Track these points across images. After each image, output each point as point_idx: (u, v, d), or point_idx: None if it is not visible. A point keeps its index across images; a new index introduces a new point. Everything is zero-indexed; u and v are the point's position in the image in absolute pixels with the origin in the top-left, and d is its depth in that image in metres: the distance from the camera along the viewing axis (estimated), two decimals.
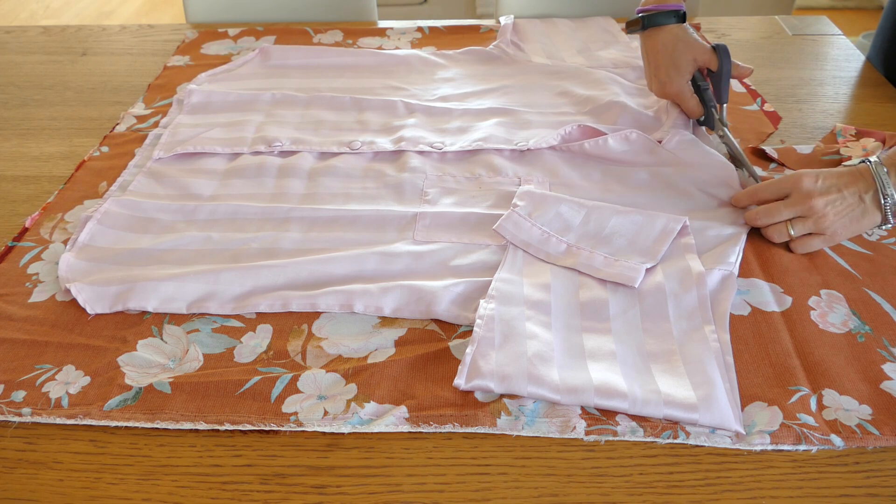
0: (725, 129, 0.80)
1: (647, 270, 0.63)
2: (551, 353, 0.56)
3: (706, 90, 0.82)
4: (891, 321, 0.60)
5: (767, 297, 0.62)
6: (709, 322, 0.58)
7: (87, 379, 0.57)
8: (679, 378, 0.54)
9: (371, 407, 0.54)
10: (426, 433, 0.52)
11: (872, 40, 1.04)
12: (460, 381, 0.54)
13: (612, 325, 0.59)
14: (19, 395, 0.56)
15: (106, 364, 0.58)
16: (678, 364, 0.55)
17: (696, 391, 0.52)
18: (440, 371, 0.56)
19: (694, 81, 0.83)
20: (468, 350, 0.56)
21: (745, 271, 0.65)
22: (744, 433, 0.51)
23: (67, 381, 0.57)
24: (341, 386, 0.56)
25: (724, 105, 0.82)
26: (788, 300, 0.62)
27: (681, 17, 0.85)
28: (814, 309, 0.61)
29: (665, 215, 0.68)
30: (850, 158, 0.78)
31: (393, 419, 0.53)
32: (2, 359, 0.59)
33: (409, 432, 0.52)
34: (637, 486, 0.49)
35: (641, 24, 0.86)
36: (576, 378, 0.54)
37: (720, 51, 0.81)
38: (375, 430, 0.52)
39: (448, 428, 0.52)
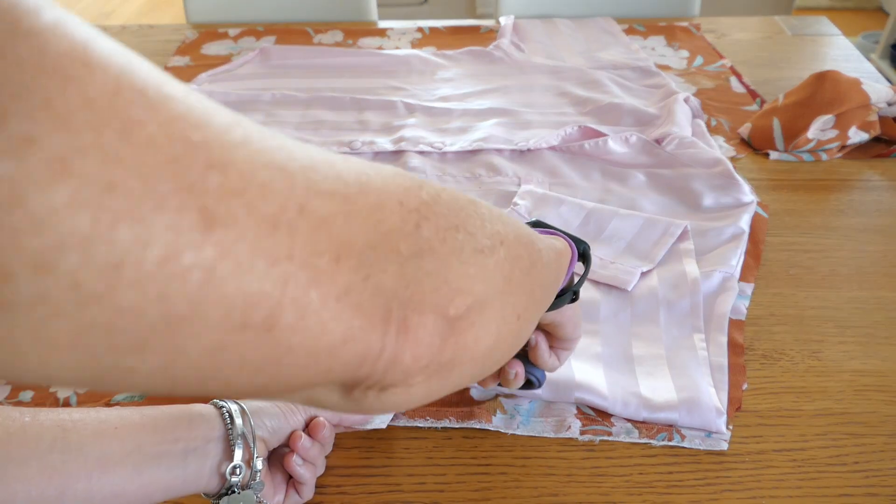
0: None
1: (643, 274, 0.63)
2: None
3: None
4: None
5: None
6: (699, 331, 0.58)
7: None
8: (662, 381, 0.54)
9: None
10: (426, 433, 0.52)
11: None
12: None
13: (600, 327, 0.59)
14: (27, 395, 0.55)
15: None
16: (663, 368, 0.55)
17: (679, 394, 0.52)
18: None
19: None
20: None
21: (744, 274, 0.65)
22: (724, 432, 0.51)
23: None
24: None
25: None
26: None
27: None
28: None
29: (666, 219, 0.68)
30: None
31: (389, 414, 0.52)
32: None
33: (410, 429, 0.52)
34: (637, 485, 0.49)
35: None
36: (558, 373, 0.53)
37: None
38: (372, 427, 0.52)
39: (445, 423, 0.52)
